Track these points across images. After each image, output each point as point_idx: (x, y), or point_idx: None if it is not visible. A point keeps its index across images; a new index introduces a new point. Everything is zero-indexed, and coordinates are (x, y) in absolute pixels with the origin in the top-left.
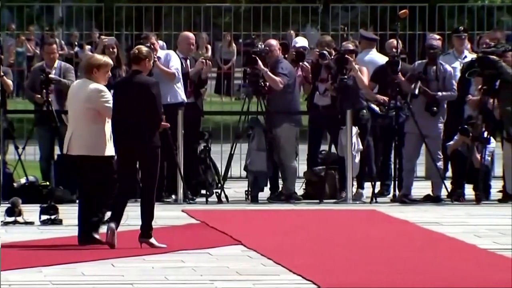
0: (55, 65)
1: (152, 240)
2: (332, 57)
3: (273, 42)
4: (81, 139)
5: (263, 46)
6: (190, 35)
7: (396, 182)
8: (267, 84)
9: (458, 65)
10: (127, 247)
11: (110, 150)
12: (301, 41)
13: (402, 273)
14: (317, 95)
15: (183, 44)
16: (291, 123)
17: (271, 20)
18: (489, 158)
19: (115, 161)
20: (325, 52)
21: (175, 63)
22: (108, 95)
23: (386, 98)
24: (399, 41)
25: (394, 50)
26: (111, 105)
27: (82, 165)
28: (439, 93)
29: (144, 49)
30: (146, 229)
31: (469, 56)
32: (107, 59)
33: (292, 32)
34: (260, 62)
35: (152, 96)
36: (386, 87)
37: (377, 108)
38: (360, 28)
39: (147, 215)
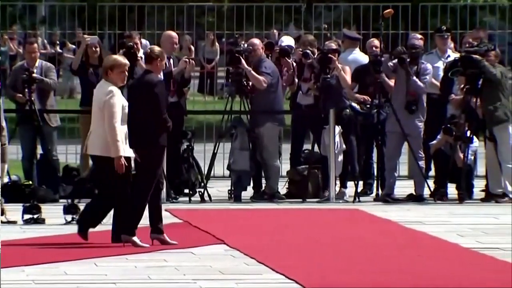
0: (36, 64)
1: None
2: (315, 56)
3: (256, 41)
4: (96, 140)
5: (246, 45)
6: (173, 34)
7: (379, 181)
8: (250, 83)
9: (441, 64)
10: (110, 246)
11: (125, 152)
12: (287, 40)
13: (385, 272)
14: (300, 95)
15: (166, 43)
16: (274, 123)
17: (254, 19)
18: (472, 158)
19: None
20: (308, 51)
21: None
22: (115, 98)
23: (366, 98)
24: (380, 41)
25: (374, 49)
26: (115, 107)
27: (97, 164)
28: (415, 78)
29: (156, 48)
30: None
31: (452, 55)
32: (120, 59)
33: (275, 31)
34: (243, 61)
35: (154, 96)
36: (367, 87)
37: (358, 107)
38: (343, 28)
39: (137, 213)
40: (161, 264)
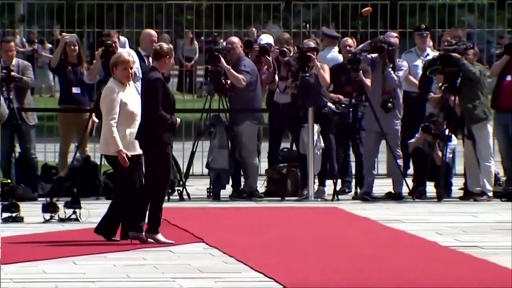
0: (13, 62)
1: (159, 236)
2: (292, 54)
3: (235, 39)
4: (102, 138)
5: (224, 43)
6: (152, 32)
7: (356, 179)
8: (229, 81)
9: (420, 63)
10: (89, 244)
11: (128, 150)
12: (266, 38)
13: (364, 270)
14: (277, 93)
15: (145, 41)
16: (253, 121)
17: (232, 18)
18: (451, 156)
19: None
20: (285, 49)
21: (135, 62)
22: (111, 95)
23: (341, 97)
24: (355, 39)
25: (348, 48)
26: (111, 104)
27: (108, 163)
28: (390, 69)
29: (165, 46)
30: (154, 224)
31: (431, 54)
32: (123, 55)
33: (254, 29)
34: (223, 60)
35: (150, 92)
36: (342, 86)
37: (333, 106)
38: (322, 26)
39: (155, 211)
40: (140, 263)
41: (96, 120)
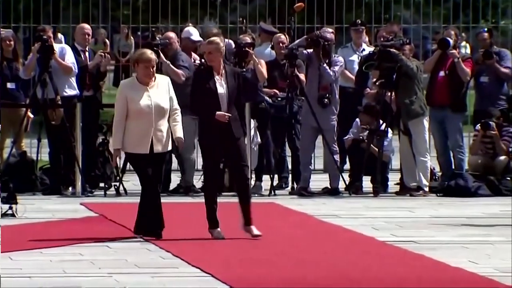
0: None
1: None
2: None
3: (172, 34)
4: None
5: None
6: (86, 25)
7: (293, 174)
8: None
9: (356, 58)
10: (25, 240)
11: (131, 148)
12: (191, 31)
13: (301, 265)
14: None
15: (79, 35)
16: (191, 116)
17: (169, 13)
18: (391, 155)
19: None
20: None
21: (70, 57)
22: (118, 94)
23: (276, 91)
24: (288, 35)
25: (281, 44)
26: (116, 102)
27: None
28: (325, 65)
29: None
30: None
31: (367, 49)
32: (146, 54)
33: (190, 25)
34: (162, 55)
35: None
36: (275, 81)
37: (269, 100)
38: (258, 21)
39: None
40: (77, 258)
41: (32, 116)
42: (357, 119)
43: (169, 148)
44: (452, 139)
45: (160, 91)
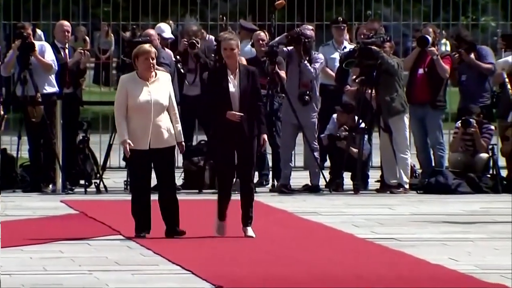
0: None
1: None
2: (199, 46)
3: (152, 31)
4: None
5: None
6: (65, 23)
7: (273, 171)
8: None
9: (337, 55)
10: (5, 237)
11: (135, 143)
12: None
13: (281, 262)
14: (186, 86)
15: (59, 32)
16: None
17: (150, 10)
18: (367, 148)
19: None
20: (194, 41)
21: (50, 55)
22: (118, 88)
23: None
24: (268, 32)
25: (261, 42)
26: (116, 97)
27: None
28: (306, 62)
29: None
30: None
31: (348, 46)
32: (144, 46)
33: (171, 22)
34: None
35: None
36: None
37: None
38: (239, 18)
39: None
40: (57, 255)
41: (2, 112)
42: (334, 116)
43: (171, 144)
44: (432, 136)
45: (160, 87)
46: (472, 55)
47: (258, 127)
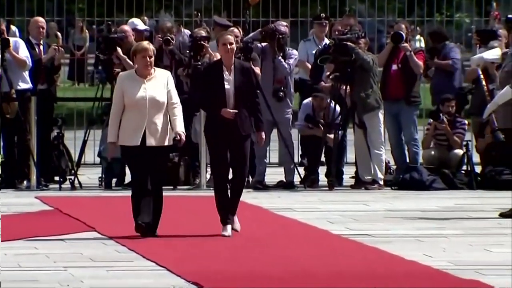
0: None
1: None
2: (174, 42)
3: (127, 27)
4: None
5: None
6: (40, 19)
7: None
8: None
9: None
10: None
11: (123, 140)
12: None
13: (256, 258)
14: None
15: (33, 28)
16: None
17: (124, 6)
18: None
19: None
20: (168, 37)
21: (24, 51)
22: (116, 86)
23: None
24: (242, 29)
25: (235, 38)
26: (114, 96)
27: None
28: (280, 57)
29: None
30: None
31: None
32: (142, 43)
33: (146, 18)
34: (119, 49)
35: None
36: None
37: None
38: (213, 14)
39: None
40: (32, 252)
41: None
42: (304, 102)
43: (166, 143)
44: (407, 132)
45: (158, 84)
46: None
47: (256, 125)
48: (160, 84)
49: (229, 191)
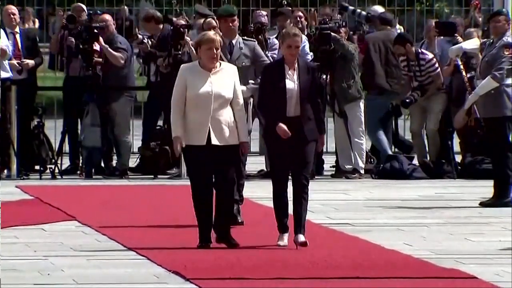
0: None
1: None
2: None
3: (108, 17)
4: None
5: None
6: (10, 6)
7: None
8: (101, 59)
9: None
10: None
11: (186, 139)
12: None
13: (236, 249)
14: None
15: (5, 16)
16: (128, 98)
17: None
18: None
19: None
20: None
21: (4, 40)
22: (177, 79)
23: None
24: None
25: (213, 29)
26: (174, 88)
27: None
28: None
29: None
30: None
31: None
32: (208, 34)
33: (125, 7)
34: (101, 39)
35: None
36: None
37: None
38: (194, 4)
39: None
40: (12, 241)
41: None
42: None
43: (232, 142)
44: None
45: (224, 78)
46: None
47: (319, 127)
48: (227, 78)
49: (293, 203)
